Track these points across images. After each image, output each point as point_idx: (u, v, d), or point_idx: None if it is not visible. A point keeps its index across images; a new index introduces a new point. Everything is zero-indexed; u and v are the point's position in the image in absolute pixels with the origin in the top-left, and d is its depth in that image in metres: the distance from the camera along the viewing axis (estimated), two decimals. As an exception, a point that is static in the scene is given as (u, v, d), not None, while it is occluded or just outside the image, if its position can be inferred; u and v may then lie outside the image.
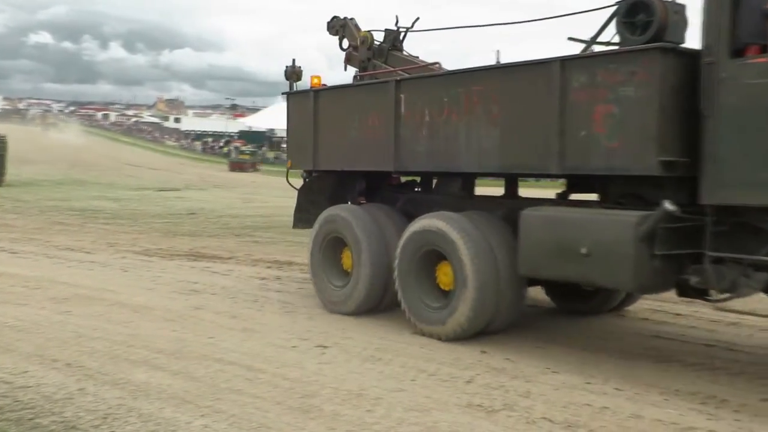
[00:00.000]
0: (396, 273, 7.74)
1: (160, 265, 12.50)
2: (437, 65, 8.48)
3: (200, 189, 40.62)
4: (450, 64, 8.98)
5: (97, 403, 5.33)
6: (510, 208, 7.44)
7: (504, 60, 7.51)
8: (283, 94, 9.88)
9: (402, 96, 7.87)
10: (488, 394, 5.67)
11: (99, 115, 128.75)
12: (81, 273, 11.39)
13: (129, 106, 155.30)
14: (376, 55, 10.07)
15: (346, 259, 8.68)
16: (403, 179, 9.70)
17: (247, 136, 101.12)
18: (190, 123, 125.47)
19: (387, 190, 9.48)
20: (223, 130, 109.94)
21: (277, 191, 41.49)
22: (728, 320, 8.38)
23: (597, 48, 6.73)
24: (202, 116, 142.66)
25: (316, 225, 9.00)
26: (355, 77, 10.10)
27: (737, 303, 8.52)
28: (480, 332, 7.20)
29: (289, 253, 14.17)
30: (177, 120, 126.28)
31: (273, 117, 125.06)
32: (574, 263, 6.08)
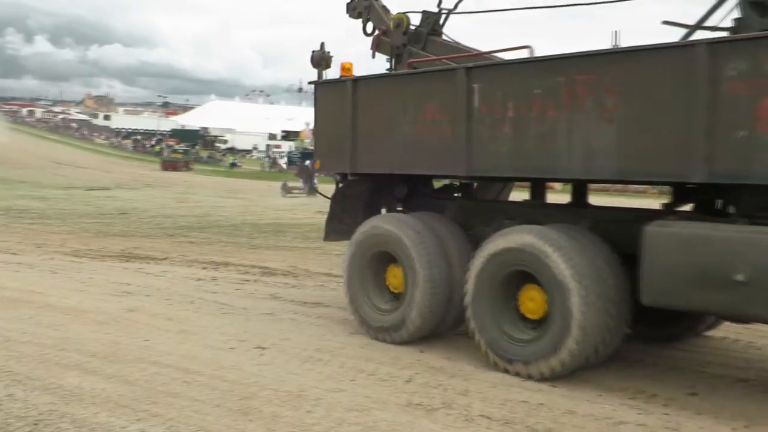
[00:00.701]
0: (469, 298, 6.51)
1: (91, 266, 12.18)
2: (528, 49, 6.83)
3: (131, 188, 39.80)
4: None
5: (27, 409, 5.16)
6: (596, 219, 6.54)
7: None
8: (310, 83, 8.48)
9: (475, 86, 6.58)
10: (427, 392, 5.72)
11: (24, 111, 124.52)
12: (7, 275, 11.00)
13: (56, 103, 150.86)
14: (412, 41, 8.78)
15: (394, 278, 7.39)
16: (437, 183, 8.67)
17: (180, 134, 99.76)
18: (121, 120, 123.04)
19: (429, 196, 8.35)
20: (155, 128, 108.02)
21: (211, 191, 41.02)
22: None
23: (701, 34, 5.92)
24: (133, 114, 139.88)
25: (356, 238, 7.63)
26: (412, 65, 8.43)
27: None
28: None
29: (225, 254, 14.01)
30: (107, 117, 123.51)
31: (206, 115, 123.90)
32: (725, 292, 5.05)
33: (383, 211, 8.44)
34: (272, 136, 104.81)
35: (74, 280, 10.65)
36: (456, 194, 8.41)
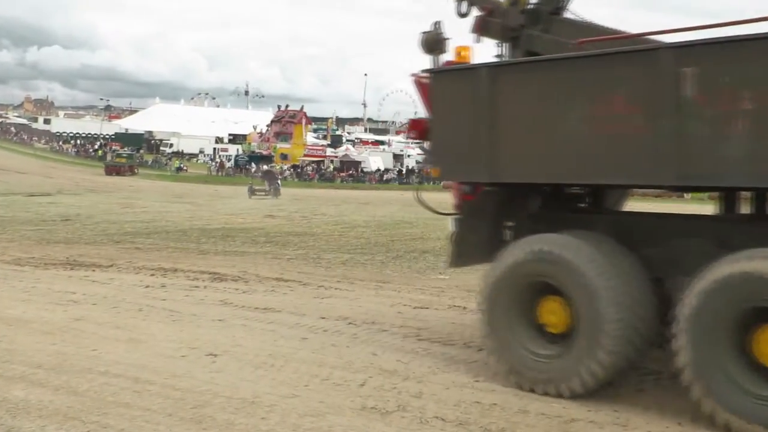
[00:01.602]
0: (683, 338, 5.17)
1: (34, 274, 11.86)
2: None
3: (74, 194, 38.94)
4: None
5: (-29, 424, 5.03)
6: None
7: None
8: (424, 71, 6.98)
9: (687, 71, 5.17)
10: (381, 396, 5.74)
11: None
12: (-55, 285, 10.65)
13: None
14: (530, 23, 7.38)
15: (551, 315, 5.95)
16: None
17: (124, 138, 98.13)
18: (61, 124, 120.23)
19: (566, 210, 7.03)
20: (98, 132, 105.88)
21: (157, 196, 40.42)
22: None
23: None
24: (75, 117, 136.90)
25: (504, 264, 6.15)
26: (583, 45, 6.75)
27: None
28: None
29: (174, 260, 13.81)
30: (47, 121, 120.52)
31: (151, 119, 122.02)
32: None
33: (507, 227, 7.02)
34: (219, 140, 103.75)
35: (17, 290, 10.35)
36: (581, 205, 7.24)
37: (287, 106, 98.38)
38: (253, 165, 74.50)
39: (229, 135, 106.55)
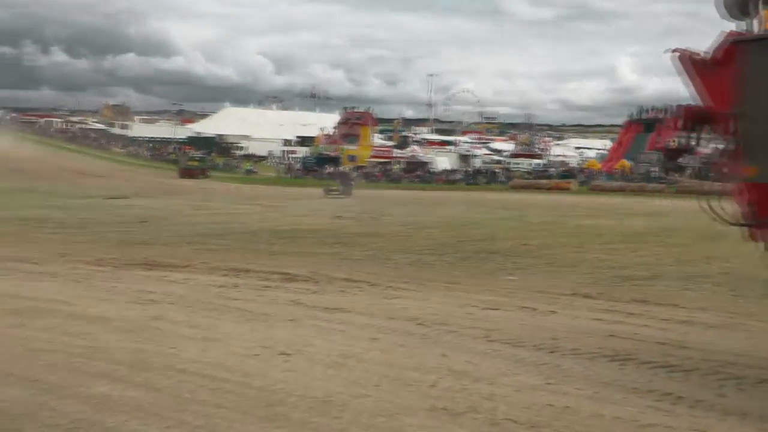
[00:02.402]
0: None
1: (114, 274, 12.28)
2: None
3: (150, 196, 40.10)
4: None
5: (58, 418, 5.22)
6: None
7: None
8: (733, 43, 5.60)
9: None
10: (452, 397, 5.73)
11: (42, 121, 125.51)
12: (31, 285, 11.09)
13: (73, 112, 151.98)
14: None
15: None
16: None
17: (196, 141, 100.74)
18: (138, 129, 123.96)
19: None
20: (171, 136, 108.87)
21: (228, 197, 41.30)
22: (679, 318, 8.64)
23: None
24: (150, 122, 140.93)
25: None
26: None
27: (686, 301, 8.84)
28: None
29: (245, 260, 14.09)
30: (124, 126, 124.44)
31: (221, 122, 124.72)
32: None
33: None
34: (287, 142, 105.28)
35: (98, 289, 10.74)
36: None
37: (354, 108, 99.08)
38: (326, 167, 75.47)
39: (297, 137, 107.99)
